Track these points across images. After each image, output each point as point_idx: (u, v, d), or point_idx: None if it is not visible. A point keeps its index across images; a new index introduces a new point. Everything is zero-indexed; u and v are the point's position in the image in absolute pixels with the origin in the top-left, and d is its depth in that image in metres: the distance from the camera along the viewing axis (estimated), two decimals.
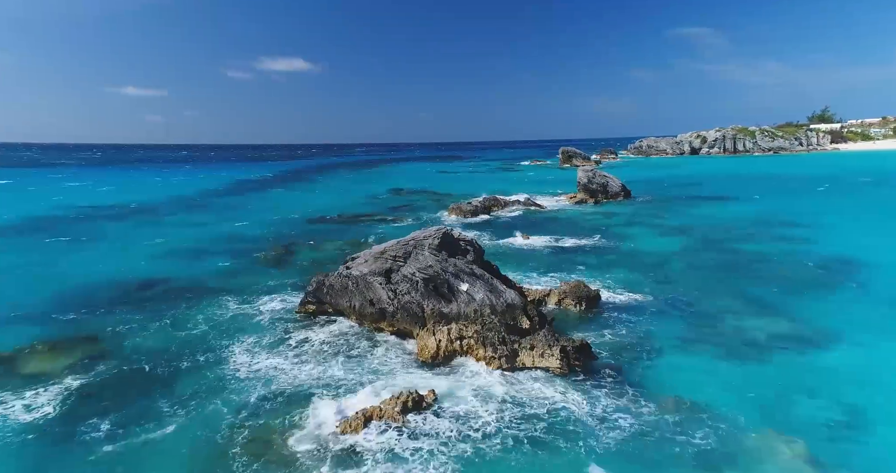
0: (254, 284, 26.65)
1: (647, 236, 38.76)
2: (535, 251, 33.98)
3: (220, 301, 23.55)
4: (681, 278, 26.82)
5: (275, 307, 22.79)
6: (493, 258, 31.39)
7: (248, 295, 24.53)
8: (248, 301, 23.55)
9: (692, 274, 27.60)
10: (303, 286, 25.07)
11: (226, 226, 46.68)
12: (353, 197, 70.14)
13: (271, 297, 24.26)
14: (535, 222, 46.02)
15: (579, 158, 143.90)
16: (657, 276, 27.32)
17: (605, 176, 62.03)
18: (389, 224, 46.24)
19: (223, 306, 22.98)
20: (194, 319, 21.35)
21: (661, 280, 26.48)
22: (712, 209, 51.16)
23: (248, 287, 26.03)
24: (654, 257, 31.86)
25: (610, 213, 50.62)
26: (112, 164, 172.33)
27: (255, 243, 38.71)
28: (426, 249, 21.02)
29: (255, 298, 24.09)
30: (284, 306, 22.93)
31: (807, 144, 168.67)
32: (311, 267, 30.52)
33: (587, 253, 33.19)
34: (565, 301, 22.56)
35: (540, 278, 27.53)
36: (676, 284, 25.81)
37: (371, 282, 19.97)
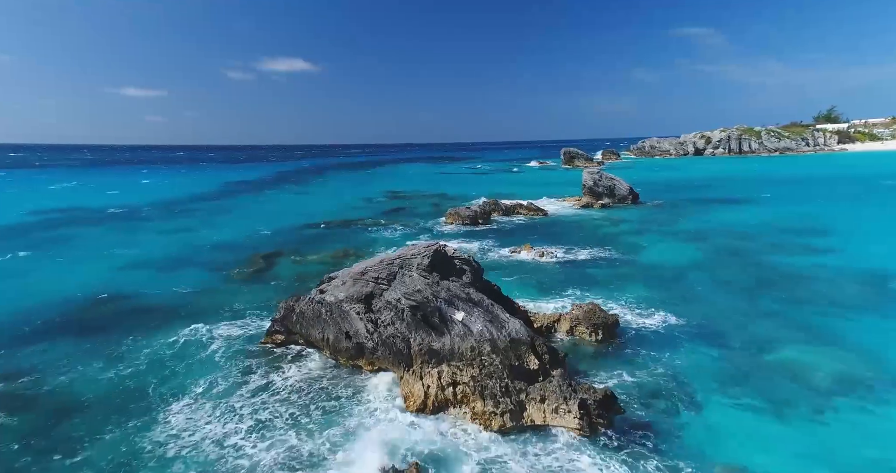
0: (222, 305, 23.36)
1: (662, 245, 35.45)
2: (541, 265, 30.68)
3: (176, 328, 20.26)
4: (707, 298, 23.51)
5: (239, 334, 19.50)
6: (493, 273, 28.20)
7: (213, 319, 21.24)
8: (211, 328, 20.24)
9: (719, 293, 24.29)
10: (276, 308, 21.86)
11: (207, 233, 43.43)
12: (347, 200, 66.89)
13: (238, 322, 20.97)
14: (539, 230, 42.73)
15: (582, 159, 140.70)
16: (680, 295, 24.02)
17: (612, 178, 58.73)
18: (382, 231, 42.99)
19: (179, 333, 19.67)
20: (139, 353, 18.05)
21: (684, 300, 23.17)
22: (728, 214, 47.85)
23: (215, 309, 22.75)
24: (673, 270, 28.57)
25: (619, 218, 47.32)
26: (104, 165, 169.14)
27: (234, 252, 35.47)
28: (414, 269, 17.75)
29: (218, 323, 20.78)
30: (250, 333, 19.65)
31: (813, 144, 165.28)
32: (289, 284, 27.29)
33: (598, 266, 29.91)
34: (578, 329, 19.27)
35: (547, 297, 24.25)
36: (703, 305, 22.50)
37: (347, 311, 16.68)
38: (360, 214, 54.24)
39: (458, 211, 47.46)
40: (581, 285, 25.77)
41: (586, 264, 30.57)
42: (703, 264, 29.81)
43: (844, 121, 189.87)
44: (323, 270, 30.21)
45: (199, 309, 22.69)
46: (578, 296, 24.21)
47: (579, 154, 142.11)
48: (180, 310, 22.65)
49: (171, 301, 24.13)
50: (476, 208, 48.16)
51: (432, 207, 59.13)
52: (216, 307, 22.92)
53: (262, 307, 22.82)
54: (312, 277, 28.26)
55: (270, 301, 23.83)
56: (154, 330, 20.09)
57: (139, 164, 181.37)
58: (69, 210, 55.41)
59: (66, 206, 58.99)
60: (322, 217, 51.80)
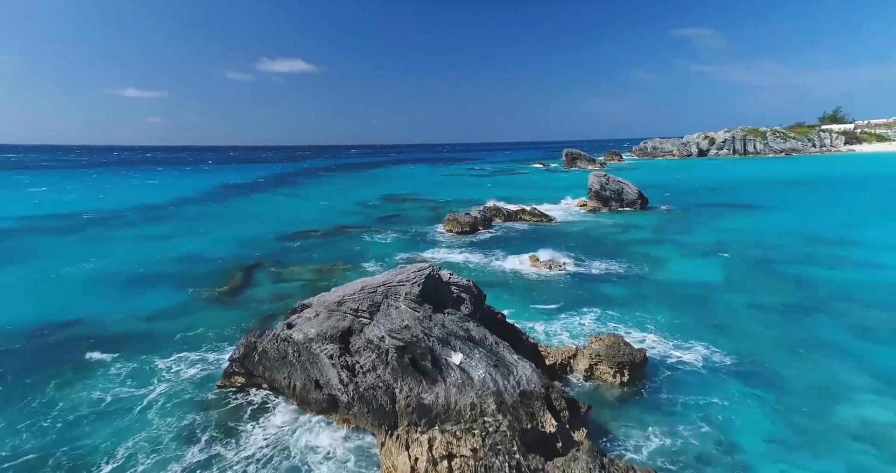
0: (183, 332, 20.17)
1: (680, 256, 32.29)
2: (548, 280, 27.51)
3: (117, 366, 17.03)
4: (746, 325, 20.33)
5: (192, 374, 16.28)
6: (496, 290, 24.99)
7: (166, 352, 18.05)
8: (160, 365, 17.03)
9: (759, 318, 21.10)
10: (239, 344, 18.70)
11: (186, 241, 40.22)
12: (341, 205, 63.72)
13: (195, 356, 17.77)
14: (544, 238, 39.53)
15: (584, 160, 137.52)
16: (712, 320, 20.84)
17: (619, 182, 55.55)
18: (376, 240, 39.81)
19: (118, 374, 16.44)
20: (62, 403, 14.74)
21: (719, 328, 19.99)
22: (746, 221, 44.69)
23: (172, 338, 19.56)
24: (698, 288, 25.40)
25: (629, 225, 44.15)
26: (97, 166, 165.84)
27: (211, 264, 32.30)
28: (402, 299, 14.56)
29: (171, 358, 17.57)
30: (208, 371, 16.45)
31: (820, 145, 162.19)
32: (266, 305, 24.09)
33: (614, 282, 26.73)
34: (599, 368, 16.10)
35: (558, 320, 21.07)
36: (743, 334, 19.32)
37: (318, 354, 13.49)
38: (353, 219, 51.10)
39: (457, 217, 44.29)
40: (596, 306, 22.59)
41: (600, 279, 27.39)
42: (730, 281, 26.63)
43: (850, 121, 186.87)
44: (306, 286, 27.07)
45: (154, 339, 19.48)
46: (595, 318, 21.06)
47: (581, 155, 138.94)
48: (129, 341, 19.41)
49: (123, 328, 20.90)
50: (476, 214, 45.02)
51: (430, 212, 55.98)
52: (175, 336, 19.71)
53: (229, 335, 19.62)
54: (293, 296, 25.11)
55: (241, 327, 20.68)
56: (86, 371, 16.78)
57: (134, 165, 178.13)
58: (40, 217, 52.10)
59: (40, 211, 55.69)
60: (313, 223, 48.66)
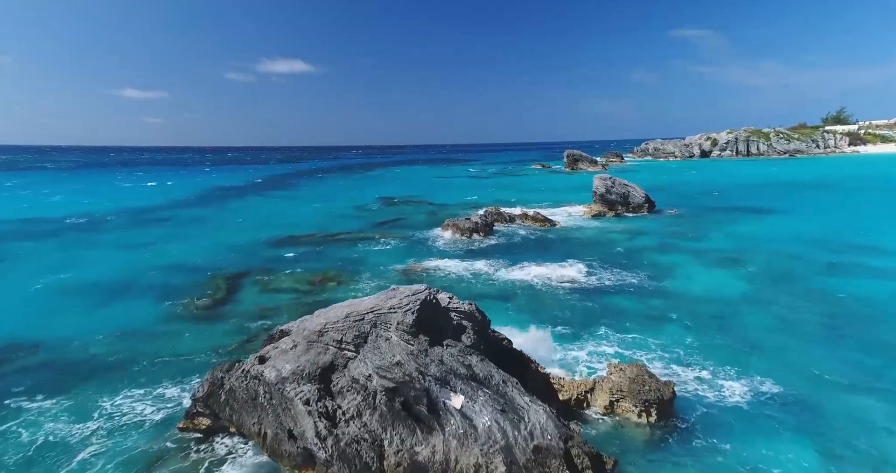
0: (148, 357, 18.03)
1: (696, 266, 30.16)
2: (555, 292, 25.38)
3: (62, 401, 14.87)
4: (778, 349, 18.20)
5: (149, 414, 14.11)
6: (498, 304, 22.87)
7: (122, 385, 15.88)
8: (114, 401, 14.86)
9: (791, 340, 18.98)
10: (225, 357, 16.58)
11: (171, 248, 38.10)
12: (337, 208, 61.59)
13: (160, 389, 15.64)
14: (549, 245, 37.43)
15: (586, 161, 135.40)
16: (741, 343, 18.71)
17: (625, 185, 53.45)
18: (372, 247, 37.67)
19: (60, 411, 14.26)
20: None
21: (750, 353, 17.86)
22: (760, 226, 42.57)
23: (138, 364, 17.43)
24: (720, 304, 23.27)
25: (637, 231, 42.03)
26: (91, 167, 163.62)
27: (194, 274, 30.19)
28: (393, 329, 12.43)
29: (127, 393, 15.35)
30: (167, 411, 14.28)
31: (824, 146, 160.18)
32: (248, 322, 21.95)
33: (627, 295, 24.60)
34: (622, 406, 13.97)
35: (569, 342, 18.95)
36: (777, 361, 17.19)
37: (292, 399, 11.34)
38: (349, 224, 48.98)
39: (457, 222, 42.21)
40: (611, 325, 20.48)
41: (612, 291, 25.25)
42: (753, 295, 24.50)
43: (854, 122, 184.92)
44: (295, 301, 24.94)
45: (112, 367, 17.29)
46: (611, 340, 18.93)
47: (583, 157, 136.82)
48: (81, 369, 17.23)
49: (84, 353, 18.72)
50: (476, 219, 42.89)
51: (428, 216, 53.85)
52: (138, 363, 17.55)
53: (201, 363, 17.46)
54: (279, 312, 23.02)
55: (217, 351, 18.55)
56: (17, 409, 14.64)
57: (130, 166, 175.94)
58: (19, 221, 49.89)
59: (20, 215, 53.49)
60: (307, 228, 46.59)
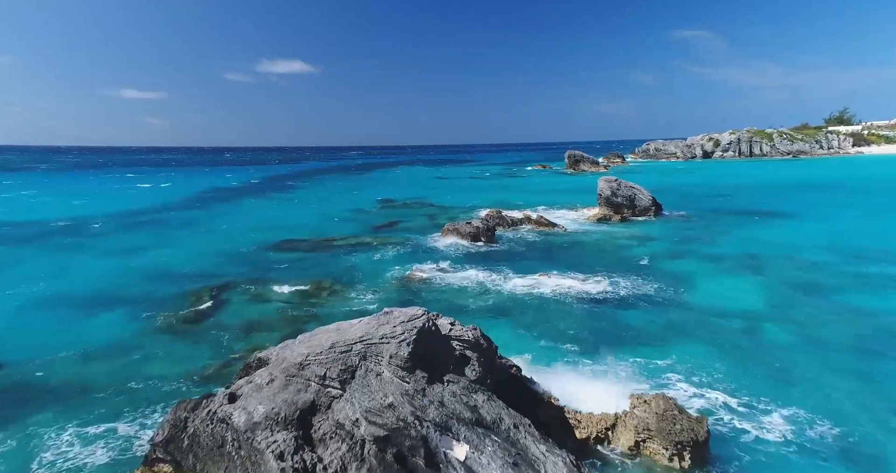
0: (114, 383, 16.21)
1: (712, 276, 28.38)
2: (565, 304, 23.59)
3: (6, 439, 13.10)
4: (813, 375, 16.42)
5: (100, 457, 12.26)
6: (503, 323, 20.95)
7: (82, 416, 14.07)
8: (73, 436, 13.09)
9: (825, 364, 17.19)
10: (200, 384, 14.80)
11: (157, 255, 36.32)
12: (334, 211, 59.80)
13: (123, 422, 13.83)
14: (554, 251, 35.67)
15: (587, 162, 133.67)
16: (771, 366, 16.94)
17: (631, 187, 51.68)
18: (368, 253, 35.87)
19: None
20: None
21: (783, 379, 16.08)
22: (773, 231, 40.79)
23: (103, 391, 15.64)
24: (743, 319, 21.49)
25: (646, 236, 40.26)
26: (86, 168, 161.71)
27: (179, 283, 28.41)
28: (386, 364, 10.65)
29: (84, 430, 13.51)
30: (123, 455, 12.43)
31: (827, 147, 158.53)
32: (230, 341, 20.17)
33: (642, 310, 22.83)
34: (649, 447, 12.20)
35: (583, 363, 17.18)
36: (815, 390, 15.40)
37: (263, 451, 9.54)
38: (346, 228, 47.23)
39: (458, 227, 40.44)
40: (628, 344, 18.71)
41: (625, 304, 23.48)
42: (777, 309, 22.72)
43: (857, 123, 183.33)
44: (284, 314, 23.14)
45: (74, 393, 15.48)
46: (630, 363, 17.15)
47: (584, 158, 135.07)
48: (40, 396, 15.42)
49: (41, 376, 16.88)
50: (478, 223, 41.10)
51: (428, 219, 52.09)
52: (104, 388, 15.75)
53: (171, 392, 15.65)
54: (266, 328, 21.25)
55: (192, 376, 16.76)
56: None
57: (126, 167, 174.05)
58: (6, 224, 48.15)
59: (7, 218, 51.72)
60: (302, 232, 44.84)
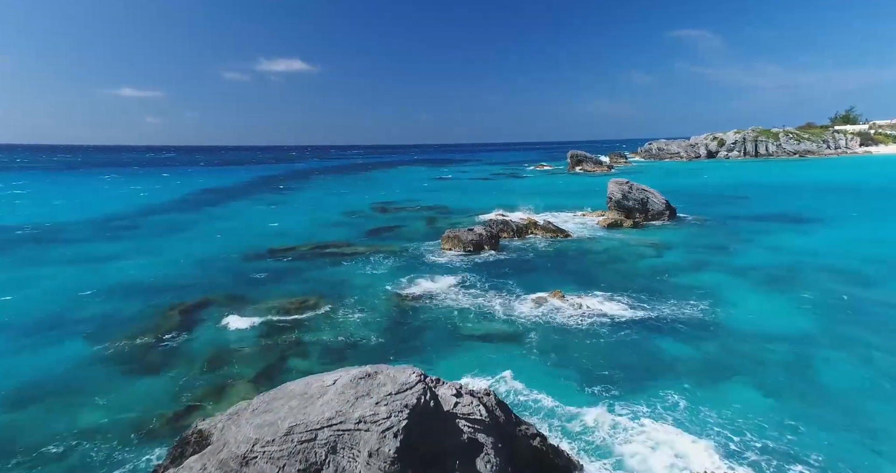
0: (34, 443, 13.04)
1: (745, 292, 25.21)
2: (586, 336, 20.37)
3: None
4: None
5: None
6: (514, 356, 17.16)
7: None
8: None
9: None
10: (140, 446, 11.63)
11: (132, 265, 33.16)
12: (327, 215, 56.64)
13: None
14: (564, 262, 32.52)
15: (590, 162, 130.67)
16: (839, 413, 13.78)
17: (644, 190, 48.57)
18: (361, 264, 32.72)
19: None
20: None
21: (858, 429, 12.93)
22: (804, 239, 37.66)
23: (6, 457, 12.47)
24: (789, 347, 18.33)
25: (663, 244, 37.12)
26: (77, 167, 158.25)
27: (146, 300, 25.26)
28: (363, 463, 7.46)
29: None
30: None
31: (834, 146, 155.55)
32: (191, 377, 17.00)
33: (671, 336, 19.67)
34: None
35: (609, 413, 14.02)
36: None
37: None
38: (338, 234, 44.09)
39: (458, 234, 37.27)
40: (662, 382, 15.56)
41: (653, 330, 20.31)
42: (830, 334, 19.57)
43: (864, 122, 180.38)
44: (261, 340, 19.93)
45: None
46: (668, 413, 14.00)
47: (587, 157, 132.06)
48: None
49: None
50: (481, 231, 37.95)
51: (427, 224, 48.94)
52: (15, 452, 12.57)
53: (101, 458, 12.47)
54: (238, 360, 18.09)
55: (138, 430, 13.59)
56: None
57: (120, 167, 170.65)
58: None
59: None
60: (291, 238, 41.70)
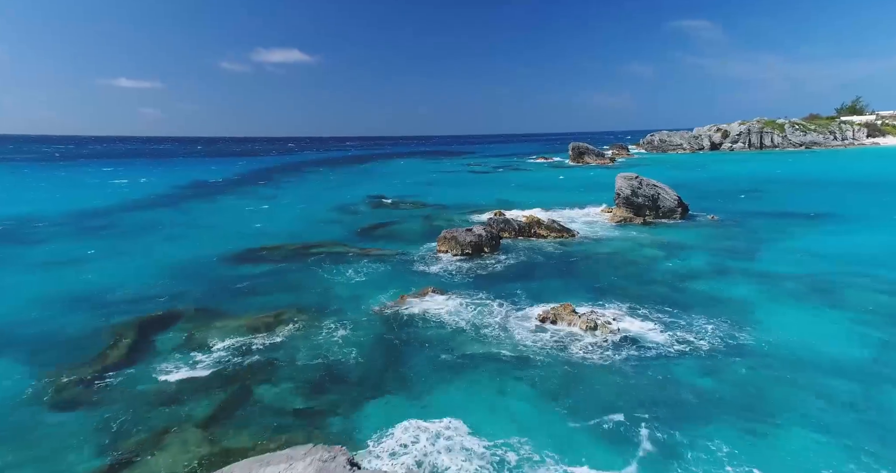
0: None
1: (784, 308, 22.14)
2: (604, 360, 17.35)
3: None
4: None
5: None
6: (518, 384, 13.39)
7: None
8: None
9: None
10: None
11: (95, 270, 30.08)
12: (318, 211, 53.47)
13: None
14: (571, 268, 29.46)
15: (592, 154, 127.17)
16: None
17: (655, 185, 45.42)
18: (347, 268, 29.61)
19: None
20: None
21: None
22: (832, 241, 34.53)
23: None
24: (855, 383, 15.34)
25: (678, 246, 34.05)
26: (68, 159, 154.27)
27: (96, 317, 22.17)
28: None
29: None
30: None
31: (841, 137, 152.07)
32: (130, 423, 13.96)
33: (703, 366, 16.63)
34: None
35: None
36: None
37: None
38: (328, 233, 40.99)
39: (456, 235, 34.16)
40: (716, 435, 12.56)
41: (678, 357, 17.27)
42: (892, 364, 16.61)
43: (871, 112, 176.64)
44: (220, 371, 16.85)
45: None
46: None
47: (589, 149, 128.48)
48: None
49: None
50: (480, 230, 34.85)
51: (423, 221, 45.81)
52: None
53: None
54: (191, 400, 15.03)
55: None
56: None
57: (112, 158, 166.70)
58: None
59: None
60: (277, 238, 38.61)
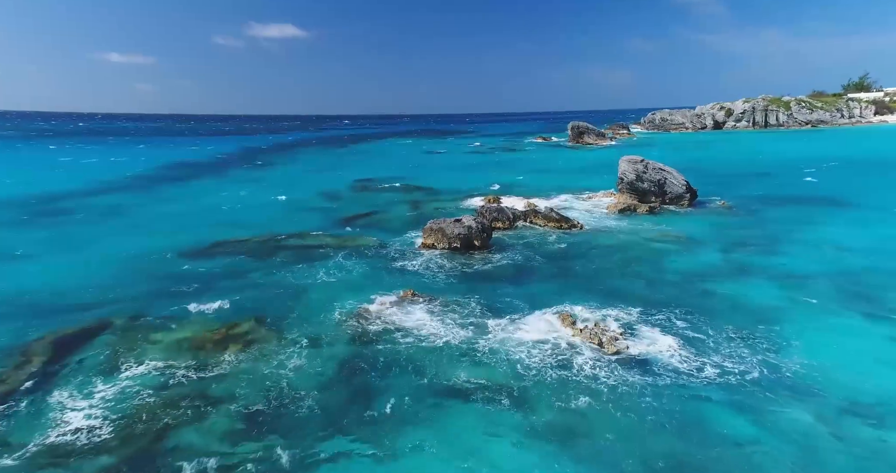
0: None
1: (815, 315, 19.10)
2: (611, 388, 14.33)
3: None
4: None
5: None
6: (502, 418, 11.12)
7: None
8: None
9: None
10: None
11: (33, 265, 26.81)
12: (300, 197, 49.90)
13: None
14: (572, 266, 26.27)
15: (592, 134, 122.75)
16: None
17: (661, 169, 41.96)
18: (322, 265, 26.35)
19: None
20: None
21: None
22: (857, 231, 31.40)
23: None
24: None
25: (688, 238, 30.87)
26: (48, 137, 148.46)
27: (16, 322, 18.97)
28: None
29: None
30: None
31: (849, 115, 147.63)
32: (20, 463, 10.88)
33: (735, 399, 13.63)
34: None
35: None
36: None
37: None
38: (306, 222, 37.61)
39: (443, 226, 30.83)
40: None
41: (703, 386, 14.24)
42: None
43: (878, 89, 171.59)
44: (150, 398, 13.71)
45: None
46: None
47: (589, 129, 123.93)
48: None
49: None
50: (470, 222, 31.47)
51: (410, 209, 42.41)
52: None
53: None
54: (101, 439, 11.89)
55: None
56: None
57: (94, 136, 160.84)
58: None
59: None
60: (250, 228, 35.19)
